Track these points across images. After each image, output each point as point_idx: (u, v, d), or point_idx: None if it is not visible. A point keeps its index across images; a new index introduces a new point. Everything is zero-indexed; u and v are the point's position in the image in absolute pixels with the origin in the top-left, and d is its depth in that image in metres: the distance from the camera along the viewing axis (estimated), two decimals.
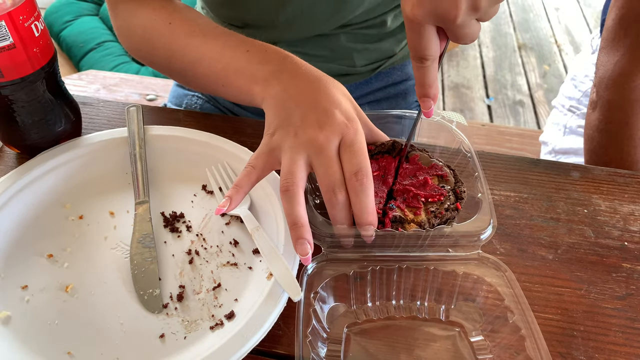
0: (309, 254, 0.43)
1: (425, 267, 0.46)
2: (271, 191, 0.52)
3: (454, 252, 0.46)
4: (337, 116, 0.46)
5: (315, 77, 0.50)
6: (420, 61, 0.42)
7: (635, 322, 0.47)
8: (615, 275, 0.51)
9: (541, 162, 0.62)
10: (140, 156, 0.56)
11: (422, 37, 0.41)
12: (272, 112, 0.49)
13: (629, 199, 0.58)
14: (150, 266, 0.48)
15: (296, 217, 0.43)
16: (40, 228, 0.51)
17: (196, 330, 0.44)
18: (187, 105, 0.88)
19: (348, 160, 0.44)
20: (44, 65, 0.52)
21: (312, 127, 0.45)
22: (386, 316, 0.46)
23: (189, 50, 0.57)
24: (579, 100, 0.97)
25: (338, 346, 0.44)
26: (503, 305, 0.43)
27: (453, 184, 0.50)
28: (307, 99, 0.48)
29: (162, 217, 0.53)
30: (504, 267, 0.45)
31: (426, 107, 0.46)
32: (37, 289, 0.46)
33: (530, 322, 0.41)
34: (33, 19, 0.49)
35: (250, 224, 0.50)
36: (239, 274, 0.48)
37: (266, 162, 0.47)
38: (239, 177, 0.46)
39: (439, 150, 0.56)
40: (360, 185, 0.43)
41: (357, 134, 0.45)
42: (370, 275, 0.46)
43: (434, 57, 0.42)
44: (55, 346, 0.42)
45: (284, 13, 0.69)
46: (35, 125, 0.54)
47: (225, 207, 0.45)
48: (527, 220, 0.55)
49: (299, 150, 0.45)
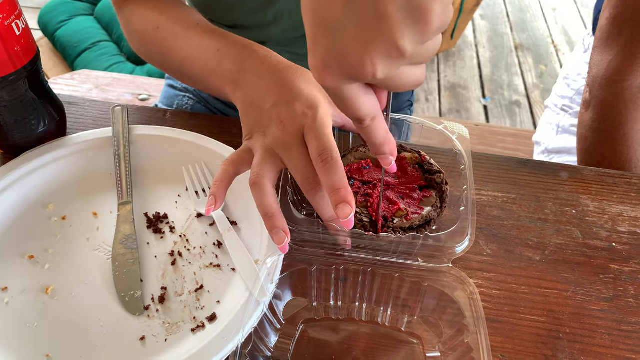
0: (285, 241, 0.42)
1: (393, 274, 0.45)
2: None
3: (424, 262, 0.45)
4: (297, 108, 0.46)
5: (279, 70, 0.50)
6: (359, 122, 0.35)
7: (622, 324, 0.46)
8: (602, 276, 0.50)
9: (530, 162, 0.62)
10: (124, 156, 0.55)
11: (346, 100, 0.33)
12: (243, 116, 0.50)
13: (618, 199, 0.58)
14: (132, 268, 0.47)
15: (266, 207, 0.43)
16: (22, 229, 0.51)
17: (177, 332, 0.43)
18: (178, 105, 0.87)
19: (312, 146, 0.43)
20: (26, 64, 0.51)
21: (275, 125, 0.46)
22: (346, 317, 0.46)
23: (175, 52, 0.58)
24: (571, 99, 0.97)
25: (290, 339, 0.44)
26: (462, 323, 0.42)
27: (439, 188, 0.50)
28: (270, 96, 0.48)
29: (145, 217, 0.53)
30: (471, 284, 0.43)
31: (387, 164, 0.39)
32: (17, 291, 0.46)
33: (484, 345, 0.39)
34: (14, 18, 0.49)
35: (222, 225, 0.50)
36: (221, 276, 0.48)
37: (242, 158, 0.47)
38: (217, 174, 0.46)
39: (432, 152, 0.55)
40: (326, 164, 0.41)
41: (316, 120, 0.44)
42: (334, 273, 0.45)
43: (372, 114, 0.35)
44: (34, 349, 0.42)
45: (272, 12, 0.68)
46: (17, 125, 0.54)
47: (213, 205, 0.45)
48: (514, 221, 0.55)
49: (268, 150, 0.45)
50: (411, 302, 0.45)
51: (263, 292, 0.42)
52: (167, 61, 0.59)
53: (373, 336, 0.45)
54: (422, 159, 0.51)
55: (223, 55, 0.53)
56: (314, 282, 0.45)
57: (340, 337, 0.45)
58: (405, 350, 0.44)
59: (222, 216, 0.51)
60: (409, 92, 0.94)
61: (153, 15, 0.60)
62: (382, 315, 0.46)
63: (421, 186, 0.50)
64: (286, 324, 0.45)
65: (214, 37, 0.56)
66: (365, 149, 0.53)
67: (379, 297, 0.46)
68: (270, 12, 0.68)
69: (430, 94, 2.46)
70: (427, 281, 0.44)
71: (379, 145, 0.37)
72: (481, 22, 3.02)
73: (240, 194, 0.52)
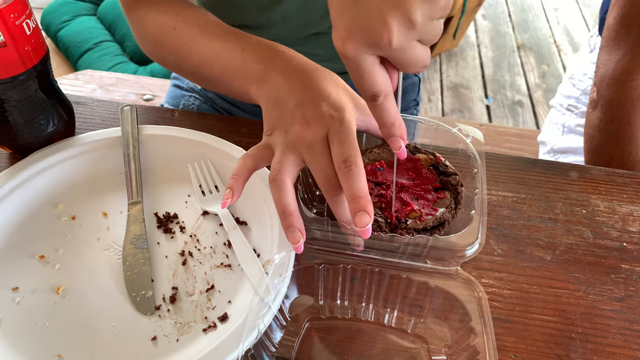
0: (300, 241, 0.42)
1: (400, 275, 0.44)
2: (266, 191, 0.51)
3: (432, 264, 0.44)
4: (324, 109, 0.45)
5: (306, 70, 0.49)
6: (373, 99, 0.38)
7: (634, 323, 0.46)
8: (613, 276, 0.50)
9: (539, 162, 0.62)
10: (133, 156, 0.55)
11: (365, 72, 0.37)
12: (266, 113, 0.49)
13: (628, 199, 0.57)
14: (143, 267, 0.47)
15: (284, 205, 0.43)
16: (32, 229, 0.51)
17: (189, 332, 0.43)
18: (184, 105, 0.87)
19: (336, 150, 0.43)
20: (36, 64, 0.51)
21: (299, 124, 0.45)
22: (352, 317, 0.46)
23: (193, 54, 0.57)
24: (577, 99, 0.97)
25: (295, 336, 0.44)
26: (468, 326, 0.42)
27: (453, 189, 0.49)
28: (296, 95, 0.48)
29: (155, 217, 0.52)
30: (479, 287, 0.43)
31: (396, 148, 0.42)
32: (28, 291, 0.46)
33: (491, 347, 0.39)
34: (24, 17, 0.49)
35: (228, 224, 0.50)
36: (232, 276, 0.47)
37: (262, 154, 0.47)
38: (236, 167, 0.46)
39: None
40: (349, 171, 0.41)
41: (343, 124, 0.44)
42: (341, 272, 0.45)
43: (386, 91, 0.38)
44: (45, 349, 0.42)
45: (279, 11, 0.68)
46: (27, 124, 0.54)
47: (230, 198, 0.45)
48: (524, 220, 0.55)
49: (290, 147, 0.45)
50: (418, 304, 0.45)
51: (268, 291, 0.42)
52: (184, 62, 0.59)
53: (378, 337, 0.45)
54: (437, 160, 0.51)
55: (248, 55, 0.53)
56: (320, 280, 0.45)
57: (345, 337, 0.44)
58: (411, 352, 0.44)
59: (228, 214, 0.51)
60: (415, 92, 0.93)
61: (168, 17, 0.60)
62: (389, 316, 0.46)
63: (436, 188, 0.50)
64: (292, 321, 0.44)
65: (237, 37, 0.55)
66: (380, 149, 0.53)
67: (385, 297, 0.46)
68: (277, 11, 0.68)
69: (433, 94, 2.46)
70: (435, 283, 0.44)
71: (390, 125, 0.40)
72: (483, 22, 3.02)
73: (251, 193, 0.52)
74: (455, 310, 0.43)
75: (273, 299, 0.42)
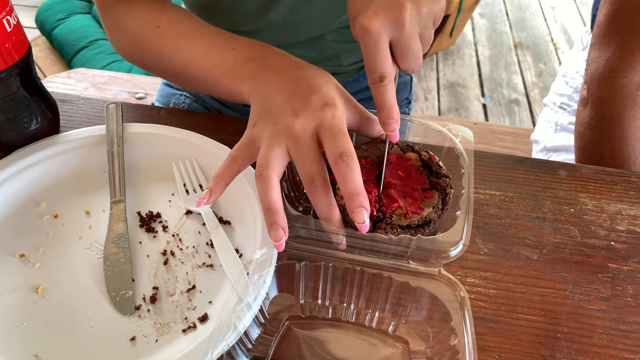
0: (281, 239, 0.41)
1: (382, 275, 0.44)
2: (250, 190, 0.51)
3: (415, 264, 0.44)
4: (314, 101, 0.45)
5: (300, 68, 0.49)
6: (380, 79, 0.43)
7: (620, 323, 0.46)
8: (600, 275, 0.49)
9: (528, 160, 0.61)
10: (117, 154, 0.55)
11: (380, 51, 0.43)
12: (254, 105, 0.48)
13: (617, 197, 0.57)
14: (124, 267, 0.47)
15: (269, 202, 0.42)
16: (14, 227, 0.50)
17: (168, 333, 0.43)
18: (174, 104, 0.87)
19: (330, 144, 0.42)
20: (17, 61, 0.51)
21: (288, 115, 0.44)
22: (332, 317, 0.45)
23: (178, 52, 0.56)
24: (570, 96, 0.96)
25: (272, 335, 0.43)
26: (449, 327, 0.41)
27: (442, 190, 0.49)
28: (286, 88, 0.47)
29: (138, 216, 0.52)
30: (460, 287, 0.42)
31: (391, 130, 0.44)
32: (7, 290, 0.45)
33: (470, 347, 0.39)
34: (5, 14, 0.48)
35: (210, 223, 0.49)
36: (214, 276, 0.47)
37: (246, 153, 0.46)
38: (219, 169, 0.45)
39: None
40: (346, 166, 0.41)
41: (335, 118, 0.44)
42: (323, 271, 0.44)
43: (391, 75, 0.44)
44: (22, 349, 0.41)
45: (265, 21, 0.68)
46: (9, 122, 0.53)
47: (206, 199, 0.44)
48: (512, 219, 0.54)
49: (277, 139, 0.44)
50: (399, 304, 0.44)
51: (246, 288, 0.41)
52: (167, 62, 0.57)
53: (358, 338, 0.44)
54: (431, 159, 0.50)
55: (240, 53, 0.52)
56: (301, 279, 0.45)
57: (325, 337, 0.44)
58: (390, 354, 0.43)
59: (210, 213, 0.51)
60: (407, 90, 0.93)
61: (152, 15, 0.58)
62: (370, 317, 0.45)
63: (425, 188, 0.49)
64: (270, 319, 0.44)
65: (227, 36, 0.54)
66: (368, 147, 0.52)
67: (367, 298, 0.45)
68: (263, 20, 0.68)
69: (429, 93, 2.46)
70: (417, 284, 0.43)
71: (389, 107, 0.44)
72: (480, 21, 3.01)
73: (235, 192, 0.51)
74: (436, 310, 0.42)
75: (254, 298, 0.41)
